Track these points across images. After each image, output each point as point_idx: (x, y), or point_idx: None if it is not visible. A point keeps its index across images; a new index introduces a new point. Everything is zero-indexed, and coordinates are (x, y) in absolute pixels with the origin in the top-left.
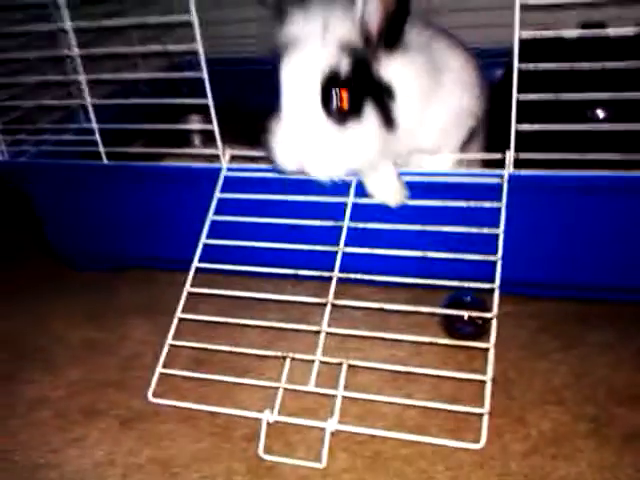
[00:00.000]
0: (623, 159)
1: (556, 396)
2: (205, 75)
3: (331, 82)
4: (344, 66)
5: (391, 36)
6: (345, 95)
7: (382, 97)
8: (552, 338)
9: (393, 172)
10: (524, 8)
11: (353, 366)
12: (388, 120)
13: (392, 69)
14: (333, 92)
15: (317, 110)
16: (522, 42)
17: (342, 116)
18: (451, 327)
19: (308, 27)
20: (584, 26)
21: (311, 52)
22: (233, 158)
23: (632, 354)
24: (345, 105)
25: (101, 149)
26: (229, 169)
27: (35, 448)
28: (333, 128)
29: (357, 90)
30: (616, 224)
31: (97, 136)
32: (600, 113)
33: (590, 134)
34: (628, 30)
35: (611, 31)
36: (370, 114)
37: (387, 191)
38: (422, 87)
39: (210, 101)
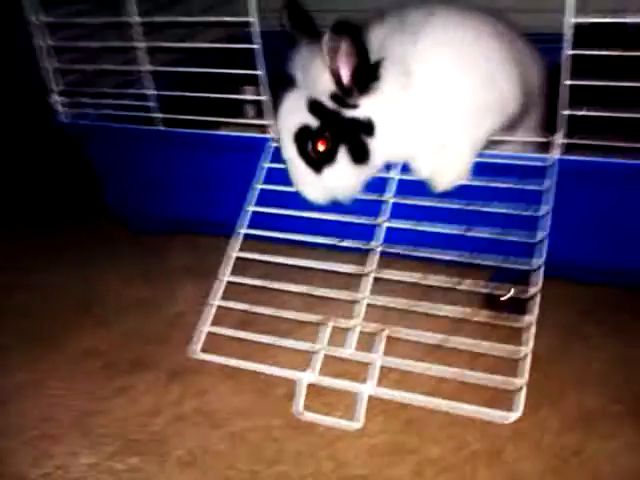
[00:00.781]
0: None
1: (594, 378)
2: (257, 47)
3: (303, 135)
4: (313, 123)
5: (362, 83)
6: (319, 144)
7: (358, 137)
8: (594, 322)
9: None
10: None
11: (391, 337)
12: (363, 156)
13: (368, 108)
14: (308, 143)
15: (296, 159)
16: (583, 27)
17: (318, 162)
18: (494, 303)
19: (293, 77)
20: None
21: (287, 109)
22: None
23: None
24: (316, 154)
25: (159, 115)
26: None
27: (86, 394)
28: (310, 172)
29: (328, 138)
30: None
31: (153, 102)
32: None
33: None
34: None
35: None
36: (342, 157)
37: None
38: (403, 114)
39: (262, 72)
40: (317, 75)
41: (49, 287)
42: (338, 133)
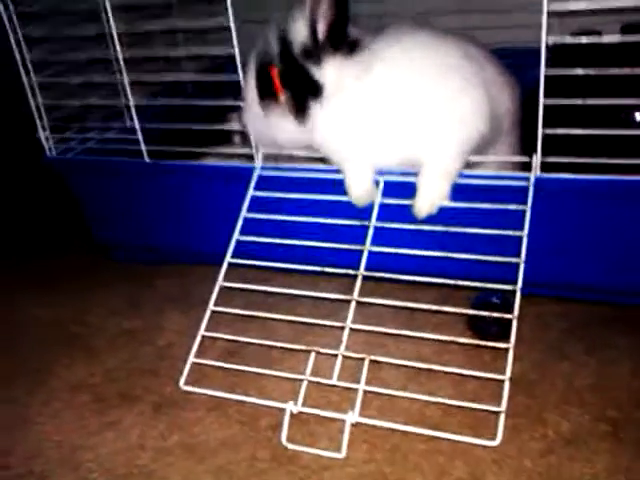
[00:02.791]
0: None
1: (577, 397)
2: (241, 78)
3: (264, 64)
4: (275, 49)
5: (334, 38)
6: (274, 75)
7: (304, 93)
8: (577, 340)
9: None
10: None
11: (376, 361)
12: (302, 114)
13: (329, 69)
14: (264, 75)
15: (253, 93)
16: (558, 46)
17: (267, 101)
18: (477, 327)
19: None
20: (625, 28)
21: (259, 45)
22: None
23: None
24: (273, 89)
25: (143, 147)
26: (262, 168)
27: (74, 430)
28: (260, 110)
29: (283, 79)
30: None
31: (139, 135)
32: (638, 116)
33: (625, 138)
34: None
35: None
36: (288, 103)
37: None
38: (361, 91)
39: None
40: (293, 22)
41: (36, 321)
42: (289, 76)
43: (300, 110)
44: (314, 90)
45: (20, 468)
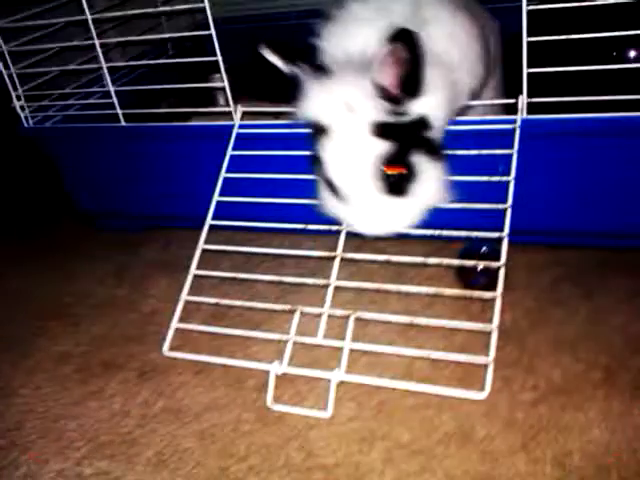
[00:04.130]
0: None
1: (569, 345)
2: (213, 32)
3: (381, 165)
4: (384, 149)
5: (411, 87)
6: (394, 167)
7: (423, 136)
8: (571, 286)
9: None
10: None
11: (364, 320)
12: (436, 150)
13: (418, 107)
14: (385, 172)
15: (375, 192)
16: None
17: (399, 185)
18: (465, 278)
19: (332, 108)
20: None
21: (351, 144)
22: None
23: None
24: (395, 177)
25: (119, 111)
26: (241, 126)
27: (57, 400)
28: (391, 200)
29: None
30: (635, 168)
31: (114, 99)
32: (631, 53)
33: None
34: None
35: None
36: (422, 164)
37: None
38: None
39: (220, 59)
40: (359, 98)
41: (20, 292)
42: (407, 144)
43: (433, 152)
44: (426, 125)
45: (1, 440)
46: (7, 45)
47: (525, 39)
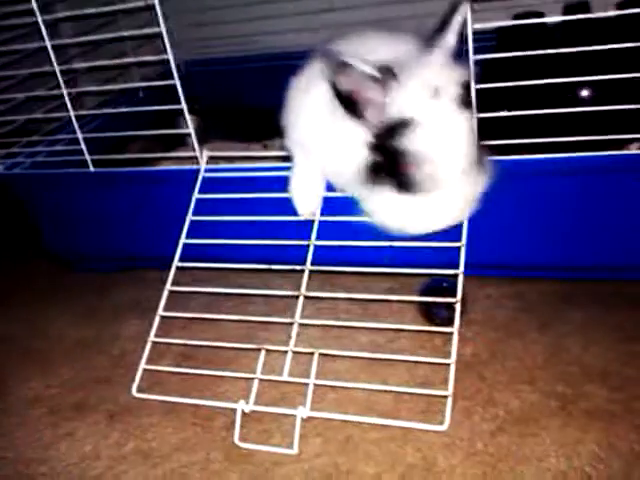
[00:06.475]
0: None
1: (527, 375)
2: (177, 83)
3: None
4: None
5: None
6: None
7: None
8: (530, 318)
9: None
10: None
11: (326, 355)
12: None
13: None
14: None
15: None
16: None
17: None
18: (428, 312)
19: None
20: (567, 8)
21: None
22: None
23: (609, 330)
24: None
25: (87, 157)
26: (207, 170)
27: (28, 445)
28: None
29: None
30: (593, 204)
31: (82, 145)
32: (585, 92)
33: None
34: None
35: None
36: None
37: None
38: None
39: (184, 107)
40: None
41: None
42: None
43: None
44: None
45: None
46: None
47: (474, 86)
